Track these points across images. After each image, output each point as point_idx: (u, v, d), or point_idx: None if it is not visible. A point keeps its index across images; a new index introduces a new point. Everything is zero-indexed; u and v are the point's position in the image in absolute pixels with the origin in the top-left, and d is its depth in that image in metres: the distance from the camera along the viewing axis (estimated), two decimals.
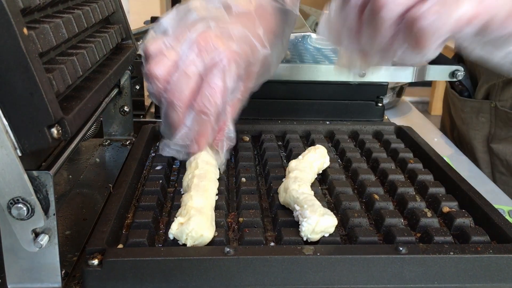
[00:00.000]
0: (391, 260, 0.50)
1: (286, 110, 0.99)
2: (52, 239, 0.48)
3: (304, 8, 1.30)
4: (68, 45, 0.58)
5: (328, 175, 0.69)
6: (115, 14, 0.78)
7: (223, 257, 0.49)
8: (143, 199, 0.61)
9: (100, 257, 0.49)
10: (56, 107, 0.45)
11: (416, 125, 1.01)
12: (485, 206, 0.59)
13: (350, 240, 0.56)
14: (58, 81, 0.49)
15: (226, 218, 0.58)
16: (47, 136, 0.44)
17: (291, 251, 0.50)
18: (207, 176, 0.61)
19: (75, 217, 0.63)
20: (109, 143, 0.86)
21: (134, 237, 0.53)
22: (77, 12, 0.60)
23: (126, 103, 0.86)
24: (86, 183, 0.73)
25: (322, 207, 0.54)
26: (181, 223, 0.51)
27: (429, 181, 0.68)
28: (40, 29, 0.48)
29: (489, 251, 0.51)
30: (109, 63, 0.69)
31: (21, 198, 0.45)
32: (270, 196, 0.64)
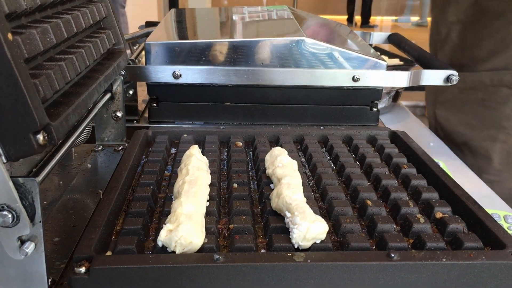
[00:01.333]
0: (383, 267, 0.50)
1: (280, 115, 0.99)
2: (38, 246, 0.48)
3: (300, 13, 1.30)
4: (56, 50, 0.58)
5: (321, 180, 0.68)
6: (106, 19, 0.77)
7: (212, 264, 0.48)
8: (133, 206, 0.60)
9: (87, 264, 0.48)
10: (41, 113, 0.44)
11: (412, 130, 1.01)
12: (478, 212, 0.59)
13: (342, 247, 0.55)
14: (44, 87, 0.48)
15: (216, 225, 0.58)
16: (32, 143, 0.44)
17: (282, 258, 0.50)
18: (198, 182, 0.61)
19: (64, 224, 0.62)
20: (101, 149, 0.86)
21: (123, 244, 0.52)
22: (66, 17, 0.59)
23: (118, 109, 0.85)
24: (77, 189, 0.72)
25: (313, 214, 0.54)
26: (170, 230, 0.51)
27: (423, 186, 0.67)
28: (27, 34, 0.48)
29: (482, 258, 0.50)
30: (100, 68, 0.69)
31: (6, 205, 0.45)
32: (262, 202, 0.64)
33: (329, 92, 0.97)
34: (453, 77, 0.96)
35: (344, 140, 0.85)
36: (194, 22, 1.23)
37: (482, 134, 1.18)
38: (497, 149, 1.16)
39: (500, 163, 1.17)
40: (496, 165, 1.17)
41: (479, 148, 1.19)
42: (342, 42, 1.06)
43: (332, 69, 0.95)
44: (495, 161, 1.16)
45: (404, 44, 1.23)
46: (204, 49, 0.94)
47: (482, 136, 1.18)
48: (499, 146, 1.16)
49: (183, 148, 0.74)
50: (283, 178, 0.63)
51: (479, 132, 1.19)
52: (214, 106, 0.98)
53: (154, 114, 0.98)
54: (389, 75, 0.96)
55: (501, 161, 1.16)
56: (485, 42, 1.16)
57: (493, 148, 1.16)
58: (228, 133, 0.84)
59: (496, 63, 1.15)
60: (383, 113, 1.39)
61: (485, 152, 1.17)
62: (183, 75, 0.93)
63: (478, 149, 1.19)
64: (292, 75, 0.94)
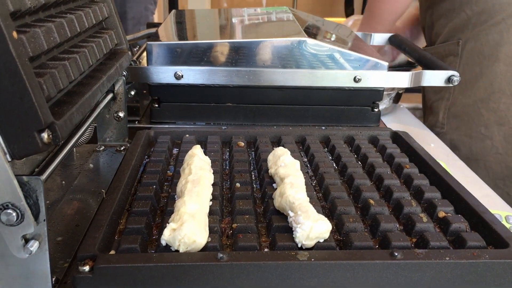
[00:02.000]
0: (386, 266, 0.50)
1: (282, 116, 0.99)
2: (42, 245, 0.48)
3: (301, 15, 1.30)
4: (60, 49, 0.58)
5: (324, 180, 0.68)
6: (109, 19, 0.77)
7: (216, 263, 0.48)
8: (136, 205, 0.60)
9: (91, 263, 0.48)
10: (46, 111, 0.44)
11: (413, 131, 1.01)
12: (481, 211, 0.59)
13: (345, 246, 0.55)
14: (49, 86, 0.48)
15: (220, 224, 0.58)
16: (37, 141, 0.44)
17: (285, 256, 0.50)
18: (200, 181, 0.61)
19: (67, 223, 0.62)
20: (103, 149, 0.86)
21: (126, 243, 0.52)
22: (69, 17, 0.59)
23: (120, 109, 0.85)
24: (79, 189, 0.72)
25: (316, 213, 0.54)
26: (173, 229, 0.51)
27: (425, 186, 0.67)
28: (31, 33, 0.48)
29: (485, 257, 0.50)
30: (102, 68, 0.69)
31: (10, 204, 0.45)
32: (264, 201, 0.64)
33: (331, 93, 0.97)
34: (454, 77, 0.96)
35: (346, 140, 0.86)
36: (195, 23, 1.23)
37: (438, 96, 1.41)
38: (442, 106, 1.39)
39: (443, 117, 1.39)
40: (441, 119, 1.40)
41: (434, 107, 1.42)
42: (343, 43, 1.06)
43: (334, 69, 0.95)
44: (440, 116, 1.40)
45: (404, 45, 1.24)
46: (206, 49, 0.94)
47: (438, 97, 1.41)
48: (443, 104, 1.39)
49: (185, 148, 0.74)
50: (286, 177, 0.63)
51: (437, 95, 1.42)
52: (216, 106, 0.98)
53: (156, 114, 0.98)
54: (390, 75, 0.96)
55: (443, 115, 1.39)
56: (441, 19, 1.38)
57: (440, 105, 1.39)
58: (230, 133, 0.84)
59: (447, 36, 1.37)
60: (384, 115, 1.39)
61: (437, 109, 1.41)
62: (185, 75, 0.93)
63: (434, 108, 1.42)
64: (293, 75, 0.94)
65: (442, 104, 1.39)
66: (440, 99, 1.40)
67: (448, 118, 1.38)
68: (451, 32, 1.35)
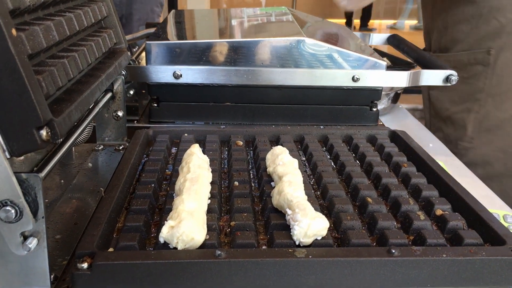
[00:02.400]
0: (384, 263, 0.50)
1: (281, 115, 0.99)
2: (41, 242, 0.48)
3: (300, 15, 1.30)
4: (59, 47, 0.58)
5: (322, 178, 0.69)
6: (108, 18, 0.78)
7: (214, 260, 0.49)
8: (134, 203, 0.60)
9: (89, 260, 0.48)
10: (45, 108, 0.45)
11: (411, 131, 1.00)
12: (478, 209, 0.59)
13: (343, 243, 0.55)
14: (48, 83, 0.48)
15: (218, 222, 0.58)
16: (35, 138, 0.44)
17: (283, 254, 0.50)
18: (199, 180, 0.61)
19: (66, 222, 0.63)
20: (102, 148, 0.86)
21: (125, 241, 0.52)
22: (68, 15, 0.59)
23: (119, 108, 0.86)
24: (78, 188, 0.72)
25: (313, 211, 0.54)
26: (171, 226, 0.51)
27: (423, 184, 0.67)
28: (30, 31, 0.48)
29: (482, 254, 0.50)
30: (101, 67, 0.69)
31: (9, 201, 0.45)
32: (263, 199, 0.64)
33: (329, 92, 0.97)
34: (452, 77, 0.96)
35: (344, 139, 0.86)
36: (194, 23, 1.24)
37: (460, 107, 1.33)
38: (471, 119, 1.30)
39: (473, 131, 1.31)
40: (470, 133, 1.31)
41: (457, 119, 1.34)
42: (342, 43, 1.06)
43: (332, 69, 0.95)
44: (469, 130, 1.31)
45: (403, 45, 1.24)
46: (205, 49, 0.94)
47: (460, 108, 1.33)
48: (472, 116, 1.30)
49: (184, 147, 0.74)
50: (284, 175, 0.63)
51: (459, 106, 1.33)
52: (215, 106, 0.98)
53: (155, 114, 0.99)
54: (389, 75, 0.96)
55: (474, 129, 1.31)
56: (461, 25, 1.29)
57: (468, 118, 1.31)
58: (229, 132, 0.84)
59: (471, 44, 1.28)
60: (383, 115, 1.40)
61: (462, 122, 1.33)
62: (184, 75, 0.93)
63: (457, 120, 1.34)
64: (292, 75, 0.95)
65: (471, 117, 1.30)
66: (465, 111, 1.32)
67: (479, 132, 1.30)
68: (478, 40, 1.27)
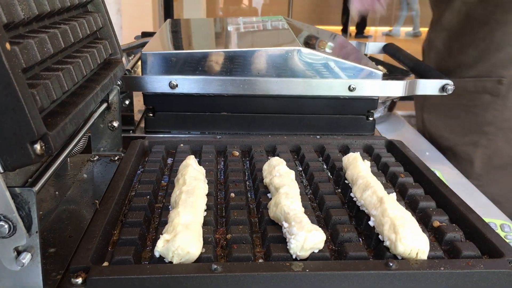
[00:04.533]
0: (381, 276, 0.49)
1: (277, 125, 0.99)
2: (35, 257, 0.47)
3: (297, 24, 1.31)
4: (54, 60, 0.58)
5: (318, 189, 0.68)
6: (103, 29, 0.77)
7: (210, 274, 0.48)
8: (130, 216, 0.60)
9: (84, 275, 0.48)
10: (39, 122, 0.44)
11: (408, 139, 1.01)
12: (476, 220, 0.59)
13: (340, 256, 0.55)
14: (42, 97, 0.48)
15: (214, 234, 0.57)
16: (29, 152, 0.44)
17: (280, 267, 0.50)
18: (195, 192, 0.60)
19: (60, 234, 0.62)
20: (97, 159, 0.85)
21: (120, 255, 0.52)
22: (63, 27, 0.59)
23: (115, 119, 0.85)
24: (73, 200, 0.72)
25: (310, 223, 0.54)
26: (167, 240, 0.50)
27: (420, 195, 0.67)
28: (24, 44, 0.48)
29: (480, 266, 0.50)
30: (96, 78, 0.69)
31: (2, 216, 0.45)
32: (259, 211, 0.64)
33: (325, 102, 0.97)
34: (448, 86, 0.96)
35: (340, 149, 0.86)
36: (190, 33, 1.24)
37: (465, 139, 1.21)
38: (479, 154, 1.18)
39: (481, 167, 1.20)
40: (478, 169, 1.19)
41: (461, 153, 1.22)
42: (338, 52, 1.06)
43: (328, 78, 0.95)
44: (477, 166, 1.19)
45: (399, 54, 1.24)
46: (201, 59, 0.94)
47: (464, 141, 1.21)
48: (480, 151, 1.18)
49: (179, 158, 0.74)
50: (281, 187, 0.63)
51: (462, 137, 1.22)
52: (211, 116, 0.98)
53: (150, 124, 0.98)
54: (385, 84, 0.96)
55: (482, 165, 1.19)
56: (470, 49, 1.19)
57: (475, 153, 1.19)
58: (225, 142, 0.84)
59: (480, 70, 1.18)
60: (379, 123, 1.40)
61: (468, 156, 1.20)
62: (180, 85, 0.93)
63: (461, 153, 1.22)
64: (288, 85, 0.94)
65: (478, 152, 1.20)
66: (471, 145, 1.21)
67: (488, 169, 1.20)
68: (488, 67, 1.17)
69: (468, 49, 1.19)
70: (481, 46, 1.16)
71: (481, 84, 1.17)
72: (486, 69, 1.16)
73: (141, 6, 3.67)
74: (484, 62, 1.16)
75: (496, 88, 1.15)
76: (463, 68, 1.21)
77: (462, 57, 1.21)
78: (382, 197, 0.58)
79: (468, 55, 1.20)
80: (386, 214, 0.55)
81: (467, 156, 1.20)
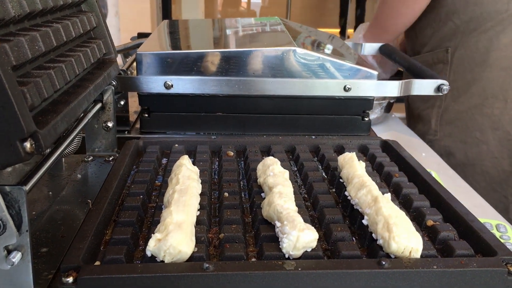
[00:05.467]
0: (374, 275, 0.49)
1: (272, 125, 0.99)
2: (25, 256, 0.47)
3: (293, 25, 1.30)
4: (45, 58, 0.58)
5: (313, 189, 0.68)
6: (97, 28, 0.77)
7: (201, 273, 0.48)
8: (122, 215, 0.59)
9: (74, 274, 0.47)
10: (29, 120, 0.44)
11: (404, 140, 1.01)
12: (469, 220, 0.59)
13: (333, 255, 0.55)
14: (32, 95, 0.48)
15: (207, 234, 0.57)
16: (19, 150, 0.43)
17: (272, 266, 0.49)
18: (188, 191, 0.60)
19: (53, 234, 0.62)
20: (91, 159, 0.85)
21: (111, 254, 0.51)
22: (55, 26, 0.59)
23: (109, 119, 0.85)
24: (66, 200, 0.71)
25: (302, 222, 0.53)
26: (158, 239, 0.50)
27: (414, 194, 0.67)
28: (15, 41, 0.48)
29: (473, 265, 0.50)
30: (90, 77, 0.69)
31: None
32: (253, 210, 0.63)
33: (321, 102, 0.97)
34: (443, 86, 0.96)
35: (335, 149, 0.85)
36: (185, 33, 1.23)
37: (427, 104, 1.43)
38: (434, 113, 1.41)
39: (435, 124, 1.41)
40: (433, 126, 1.41)
41: (424, 115, 1.44)
42: (333, 52, 1.06)
43: (324, 79, 0.95)
44: (432, 123, 1.41)
45: (395, 55, 1.24)
46: (196, 59, 0.94)
47: (426, 105, 1.43)
48: (435, 111, 1.40)
49: (174, 158, 0.74)
50: (275, 187, 0.62)
51: (426, 103, 1.43)
52: (206, 116, 0.98)
53: (146, 124, 0.98)
54: (380, 84, 0.96)
55: (436, 122, 1.41)
56: (426, 30, 1.42)
57: (432, 113, 1.41)
58: (220, 143, 0.84)
59: (433, 45, 1.40)
60: (376, 124, 1.40)
61: (427, 117, 1.43)
62: (175, 85, 0.93)
63: (424, 116, 1.44)
64: (283, 85, 0.94)
65: (434, 112, 1.41)
66: (430, 107, 1.42)
67: (441, 125, 1.40)
68: (438, 41, 1.38)
69: (426, 30, 1.42)
70: (433, 25, 1.39)
71: (436, 56, 1.39)
72: (437, 42, 1.39)
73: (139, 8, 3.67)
74: (436, 37, 1.39)
75: (445, 56, 1.37)
76: (424, 46, 1.43)
77: (423, 38, 1.43)
78: (377, 196, 0.58)
79: (426, 35, 1.42)
80: (380, 213, 0.55)
81: (427, 117, 1.43)
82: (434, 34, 1.39)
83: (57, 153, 0.59)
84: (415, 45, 1.48)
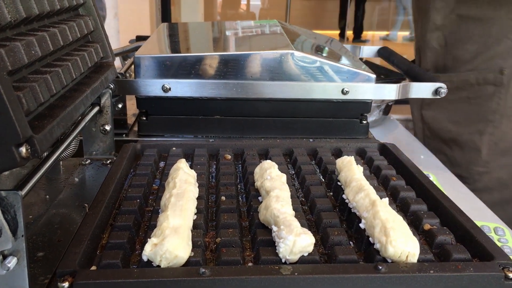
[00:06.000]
0: (371, 280, 0.49)
1: (270, 128, 0.99)
2: (20, 261, 0.47)
3: (292, 28, 1.31)
4: (42, 63, 0.57)
5: (310, 192, 0.68)
6: (94, 32, 0.77)
7: (198, 278, 0.48)
8: (119, 219, 0.59)
9: (70, 279, 0.47)
10: (24, 125, 0.44)
11: (403, 143, 1.01)
12: (466, 224, 0.59)
13: (330, 259, 0.54)
14: (28, 99, 0.48)
15: (203, 238, 0.57)
16: (15, 155, 0.43)
17: (269, 271, 0.49)
18: (185, 195, 0.60)
19: (49, 238, 0.62)
20: (89, 163, 0.85)
21: (107, 258, 0.51)
22: (52, 30, 0.59)
23: (107, 122, 0.85)
24: (63, 203, 0.71)
25: (299, 227, 0.53)
26: (155, 244, 0.50)
27: (411, 198, 0.67)
28: (10, 46, 0.48)
29: (469, 269, 0.50)
30: (87, 81, 0.69)
31: None
32: (250, 214, 0.63)
33: (319, 105, 0.97)
34: (441, 89, 0.96)
35: (333, 152, 0.85)
36: (183, 36, 1.23)
37: (469, 129, 1.28)
38: (485, 141, 1.25)
39: (488, 154, 1.26)
40: (485, 156, 1.26)
41: (467, 142, 1.28)
42: (331, 56, 1.06)
43: (321, 82, 0.95)
44: (484, 153, 1.26)
45: (393, 57, 1.24)
46: (194, 62, 0.94)
47: (469, 130, 1.28)
48: (486, 139, 1.25)
49: (171, 161, 0.74)
50: (272, 190, 0.62)
51: (467, 127, 1.28)
52: (204, 119, 0.98)
53: (144, 127, 0.98)
54: (378, 87, 0.96)
55: (489, 152, 1.26)
56: (468, 45, 1.26)
57: (481, 141, 1.26)
58: (217, 146, 0.84)
59: (479, 64, 1.26)
60: (374, 127, 1.40)
61: (474, 145, 1.27)
62: (173, 88, 0.93)
63: (466, 143, 1.29)
64: (281, 88, 0.94)
65: (484, 140, 1.27)
66: (476, 133, 1.28)
67: (495, 155, 1.26)
68: (486, 60, 1.25)
69: (465, 45, 1.26)
70: (479, 41, 1.23)
71: (482, 76, 1.24)
72: (485, 62, 1.24)
73: (138, 11, 3.67)
74: (482, 55, 1.23)
75: (498, 78, 1.22)
76: (461, 63, 1.28)
77: (460, 53, 1.28)
78: (374, 200, 0.58)
79: (466, 51, 1.26)
80: (377, 217, 0.55)
81: (473, 144, 1.26)
82: (480, 52, 1.25)
83: (54, 156, 0.59)
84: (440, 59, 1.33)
